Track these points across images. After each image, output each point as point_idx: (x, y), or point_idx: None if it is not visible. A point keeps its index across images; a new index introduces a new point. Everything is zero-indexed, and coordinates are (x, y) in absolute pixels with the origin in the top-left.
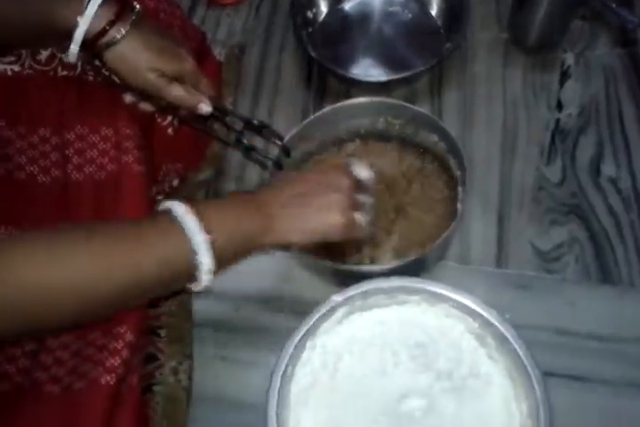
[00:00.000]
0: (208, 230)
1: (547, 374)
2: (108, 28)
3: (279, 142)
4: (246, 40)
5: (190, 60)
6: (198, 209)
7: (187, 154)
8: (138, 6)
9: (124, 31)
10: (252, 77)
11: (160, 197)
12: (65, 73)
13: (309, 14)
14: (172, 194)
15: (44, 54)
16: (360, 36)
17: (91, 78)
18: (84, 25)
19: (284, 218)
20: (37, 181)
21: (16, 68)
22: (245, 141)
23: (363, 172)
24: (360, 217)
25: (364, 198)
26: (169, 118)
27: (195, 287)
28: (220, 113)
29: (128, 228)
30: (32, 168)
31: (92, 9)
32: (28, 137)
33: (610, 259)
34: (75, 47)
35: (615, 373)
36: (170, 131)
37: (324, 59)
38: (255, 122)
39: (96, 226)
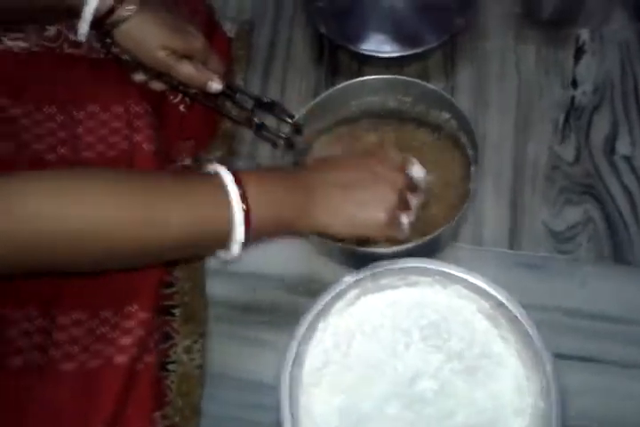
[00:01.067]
0: (247, 202)
1: (557, 356)
2: (117, 5)
3: (290, 120)
4: (256, 16)
5: (200, 37)
6: (242, 179)
7: (199, 131)
8: None
9: (132, 9)
10: (262, 54)
11: None
12: (71, 50)
13: None
14: None
15: (52, 31)
16: (371, 11)
17: (94, 56)
18: (92, 3)
19: (328, 204)
20: (44, 158)
21: (22, 44)
22: (256, 119)
23: (418, 171)
24: (405, 219)
25: (412, 200)
26: (180, 95)
27: (224, 256)
28: (230, 91)
29: (168, 181)
30: (38, 146)
31: None
32: (33, 115)
33: (624, 239)
34: (84, 26)
35: (626, 354)
36: (182, 108)
37: (334, 34)
38: (266, 99)
39: (133, 174)
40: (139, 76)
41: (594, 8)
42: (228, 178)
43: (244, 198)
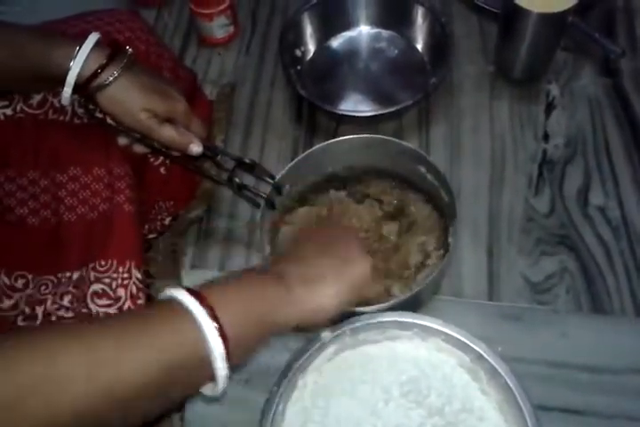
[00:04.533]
0: (216, 319)
1: (540, 408)
2: (99, 71)
3: (271, 180)
4: (237, 78)
5: (182, 101)
6: (203, 296)
7: (179, 192)
8: (130, 49)
9: (116, 73)
10: (243, 115)
11: (152, 236)
12: (55, 116)
13: (298, 53)
14: (165, 232)
15: (36, 98)
16: (348, 73)
17: (77, 121)
18: (75, 68)
19: (312, 279)
20: (27, 222)
21: (8, 112)
22: (237, 180)
23: None
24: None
25: None
26: (161, 158)
27: (211, 389)
28: (211, 152)
29: (128, 323)
30: (22, 210)
31: (83, 53)
32: (16, 180)
33: (601, 288)
34: (67, 90)
35: (608, 405)
36: (162, 170)
37: (312, 96)
38: (246, 160)
39: (91, 327)
40: (122, 140)
41: (562, 64)
42: (185, 299)
43: (212, 316)
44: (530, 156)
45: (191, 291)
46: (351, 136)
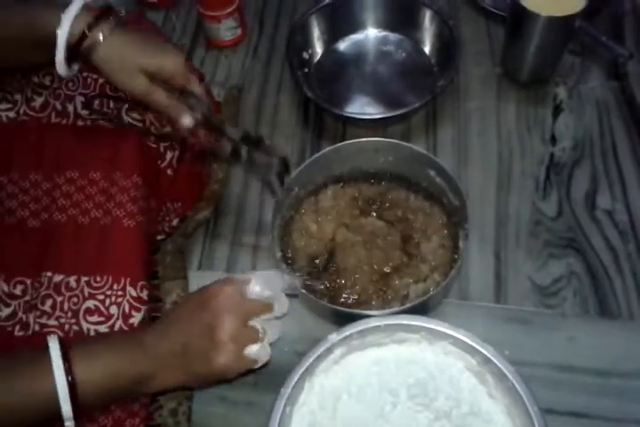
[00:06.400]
0: (73, 375)
1: (548, 412)
2: (87, 31)
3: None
4: (244, 80)
5: (180, 55)
6: (73, 350)
7: (186, 193)
8: (123, 12)
9: (106, 32)
10: (250, 117)
11: (160, 237)
12: (58, 120)
13: (305, 55)
14: (172, 233)
15: (39, 101)
16: (355, 76)
17: (81, 123)
18: (65, 26)
19: (170, 368)
20: (27, 225)
21: (11, 114)
22: (243, 153)
23: (257, 290)
24: (254, 349)
25: (258, 323)
26: (167, 159)
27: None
28: (217, 128)
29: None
30: (23, 213)
31: (69, 14)
32: (19, 182)
33: (608, 292)
34: (60, 55)
35: (616, 409)
36: (169, 171)
37: (320, 98)
38: (252, 135)
39: None
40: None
41: (570, 67)
42: (54, 350)
43: (71, 372)
44: (537, 159)
45: (66, 344)
46: (360, 139)
